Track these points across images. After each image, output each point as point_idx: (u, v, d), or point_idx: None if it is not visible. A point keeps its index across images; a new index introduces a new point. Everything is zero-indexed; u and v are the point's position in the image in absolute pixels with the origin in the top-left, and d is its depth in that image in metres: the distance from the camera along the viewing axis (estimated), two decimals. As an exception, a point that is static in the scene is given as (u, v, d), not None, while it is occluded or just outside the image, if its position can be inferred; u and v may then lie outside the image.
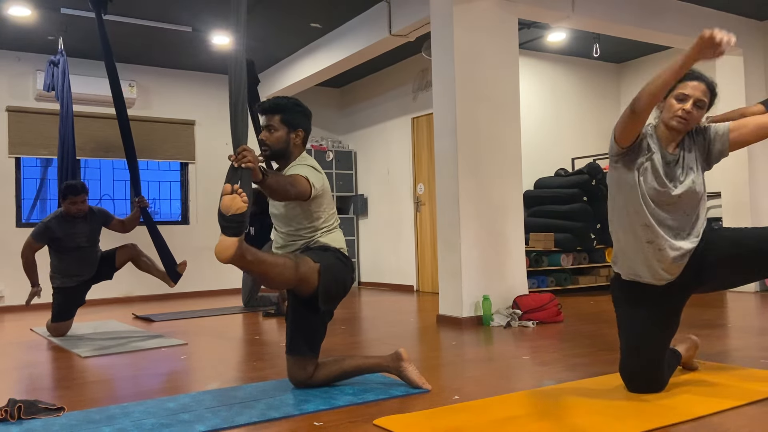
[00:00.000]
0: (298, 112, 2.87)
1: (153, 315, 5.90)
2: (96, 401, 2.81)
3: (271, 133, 2.82)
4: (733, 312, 5.13)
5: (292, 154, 2.86)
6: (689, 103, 2.38)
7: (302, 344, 2.82)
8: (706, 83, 2.42)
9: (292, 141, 2.84)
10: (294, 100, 2.93)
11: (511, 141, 5.12)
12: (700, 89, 2.39)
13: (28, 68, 7.14)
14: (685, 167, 2.46)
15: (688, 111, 2.38)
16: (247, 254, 2.41)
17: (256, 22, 6.33)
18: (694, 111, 2.39)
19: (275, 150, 2.84)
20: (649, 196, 2.44)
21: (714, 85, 2.44)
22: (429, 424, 2.28)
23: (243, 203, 2.26)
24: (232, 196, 2.27)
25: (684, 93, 2.39)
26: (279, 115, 2.82)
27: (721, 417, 2.26)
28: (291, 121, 2.83)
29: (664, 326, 2.53)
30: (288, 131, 2.83)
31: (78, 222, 4.65)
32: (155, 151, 7.85)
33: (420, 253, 7.77)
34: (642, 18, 5.87)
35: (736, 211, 6.53)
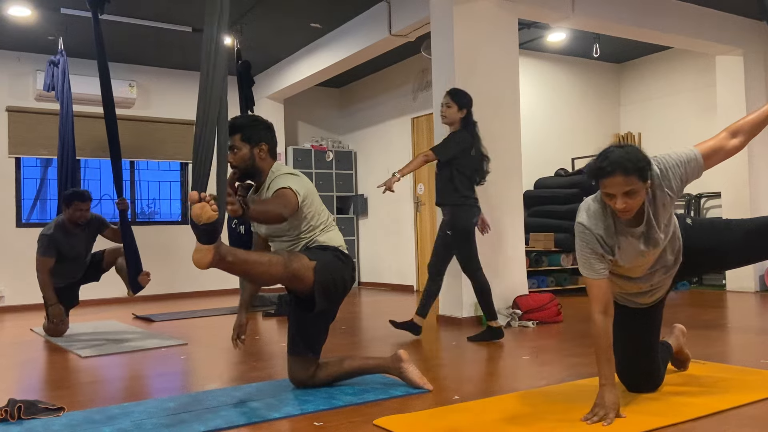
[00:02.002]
0: (257, 127, 2.85)
1: (153, 315, 5.90)
2: (96, 401, 2.81)
3: (235, 154, 2.79)
4: (733, 312, 5.12)
5: (263, 169, 2.83)
6: (618, 200, 2.18)
7: (304, 345, 2.82)
8: (622, 173, 2.13)
9: (257, 156, 2.81)
10: (251, 116, 2.97)
11: (511, 141, 5.12)
12: (617, 183, 2.14)
13: (28, 68, 7.14)
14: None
15: (623, 206, 2.18)
16: (228, 256, 2.35)
17: (256, 22, 6.33)
18: (628, 201, 2.17)
19: (243, 168, 2.81)
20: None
21: (632, 166, 2.13)
22: (429, 424, 2.28)
23: (213, 212, 2.16)
24: (201, 205, 2.14)
25: (606, 192, 2.20)
26: (238, 134, 2.79)
27: (721, 417, 2.26)
28: (251, 137, 2.80)
29: (651, 321, 2.55)
30: (251, 148, 2.79)
31: (78, 231, 4.64)
32: (155, 151, 7.85)
33: (420, 253, 7.77)
34: (642, 18, 5.87)
35: (736, 211, 6.52)
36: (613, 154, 2.17)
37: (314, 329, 2.84)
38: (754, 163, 6.52)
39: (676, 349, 2.88)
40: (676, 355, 2.91)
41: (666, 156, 2.30)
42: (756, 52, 6.63)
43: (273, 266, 2.53)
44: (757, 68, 6.63)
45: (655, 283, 2.46)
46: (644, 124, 8.09)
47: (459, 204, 4.13)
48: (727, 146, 2.32)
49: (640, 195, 2.18)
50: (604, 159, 2.18)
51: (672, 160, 2.29)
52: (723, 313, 5.08)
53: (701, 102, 7.43)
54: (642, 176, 2.15)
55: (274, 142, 2.90)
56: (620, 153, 2.17)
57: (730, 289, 6.62)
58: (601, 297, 2.30)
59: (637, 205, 2.21)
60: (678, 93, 7.70)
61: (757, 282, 6.45)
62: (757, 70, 6.62)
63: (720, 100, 6.71)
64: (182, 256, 7.61)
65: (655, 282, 2.46)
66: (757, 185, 6.53)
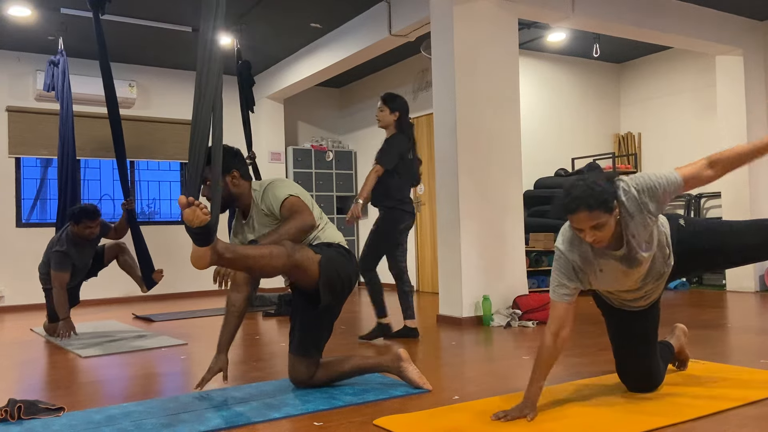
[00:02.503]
0: (222, 157, 2.66)
1: (153, 315, 5.90)
2: (96, 401, 2.81)
3: (209, 186, 2.67)
4: (733, 312, 5.12)
5: (242, 194, 2.80)
6: (587, 234, 2.20)
7: (307, 343, 2.82)
8: (586, 209, 2.14)
9: (231, 184, 2.77)
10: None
11: (511, 141, 5.12)
12: (582, 218, 2.16)
13: (28, 68, 7.14)
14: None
15: (592, 239, 2.21)
16: (226, 254, 2.34)
17: (256, 22, 6.33)
18: (596, 234, 2.19)
19: (222, 200, 2.71)
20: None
21: (594, 201, 2.13)
22: (429, 424, 2.28)
23: (204, 216, 2.13)
24: (191, 209, 2.12)
25: (575, 227, 2.23)
26: (206, 167, 2.63)
27: (721, 417, 2.26)
28: (221, 168, 2.66)
29: (648, 322, 2.55)
30: (223, 177, 2.72)
31: (87, 243, 4.64)
32: (155, 151, 7.85)
33: (420, 253, 7.77)
34: (642, 18, 5.87)
35: (736, 211, 6.52)
36: (576, 189, 2.17)
37: (318, 327, 2.84)
38: (754, 163, 6.50)
39: (678, 349, 2.89)
40: (678, 355, 2.91)
41: (644, 178, 2.29)
42: (756, 52, 6.63)
43: (275, 258, 2.49)
44: (757, 68, 6.63)
45: (648, 290, 2.47)
46: (644, 124, 8.09)
47: (391, 207, 4.21)
48: (702, 175, 2.32)
49: (609, 225, 2.18)
50: (567, 195, 2.19)
51: (650, 182, 2.26)
52: (723, 313, 5.08)
53: (701, 102, 7.43)
54: (607, 209, 2.15)
55: (245, 167, 2.85)
56: (582, 189, 2.16)
57: (730, 289, 6.62)
58: (557, 318, 2.35)
59: (608, 235, 2.22)
60: (678, 93, 7.70)
61: (757, 282, 6.45)
62: (757, 70, 6.61)
63: (720, 100, 6.71)
64: (182, 256, 7.61)
65: (648, 289, 2.47)
66: (757, 185, 6.53)
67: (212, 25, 2.27)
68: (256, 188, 2.80)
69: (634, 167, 7.97)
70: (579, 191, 2.17)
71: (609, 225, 2.19)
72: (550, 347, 2.33)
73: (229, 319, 2.86)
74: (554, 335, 2.33)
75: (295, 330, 2.86)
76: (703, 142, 7.42)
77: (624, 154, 8.09)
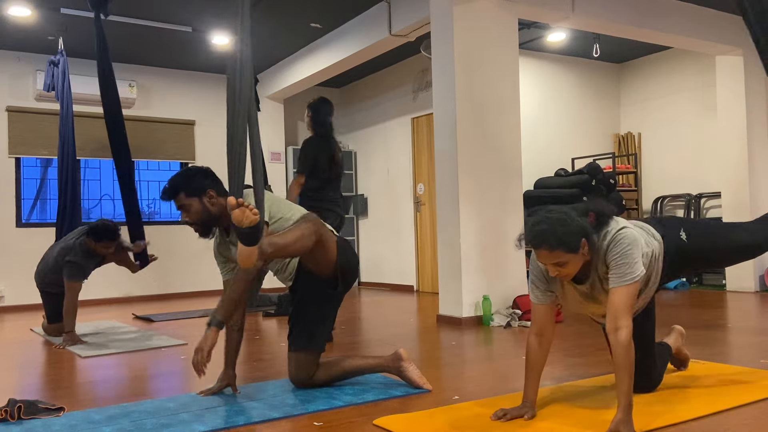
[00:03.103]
0: (194, 179, 2.76)
1: (153, 315, 5.90)
2: (96, 401, 2.81)
3: (188, 212, 2.74)
4: (733, 312, 5.12)
5: (221, 216, 2.77)
6: (550, 269, 2.19)
7: (308, 338, 2.82)
8: (547, 248, 2.12)
9: (209, 205, 2.74)
10: (184, 170, 2.82)
11: (511, 141, 5.12)
12: (543, 255, 2.15)
13: (28, 68, 7.14)
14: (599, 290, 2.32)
15: (556, 274, 2.19)
16: (268, 249, 2.43)
17: (256, 22, 6.32)
18: (560, 270, 2.16)
19: (203, 222, 2.76)
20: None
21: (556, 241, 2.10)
22: (429, 424, 2.28)
23: (254, 216, 2.26)
24: (241, 210, 2.25)
25: (541, 262, 2.22)
26: (181, 193, 2.73)
27: (721, 417, 2.26)
28: (195, 191, 2.73)
29: (640, 322, 2.54)
30: (199, 200, 2.73)
31: (97, 255, 4.60)
32: (155, 151, 7.85)
33: (420, 253, 7.77)
34: (642, 18, 5.87)
35: (736, 211, 6.52)
36: (539, 226, 2.14)
37: (321, 319, 2.85)
38: (754, 163, 6.52)
39: (675, 350, 2.89)
40: (676, 355, 2.92)
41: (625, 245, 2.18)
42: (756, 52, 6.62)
43: (307, 237, 2.56)
44: (757, 68, 6.62)
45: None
46: (644, 124, 8.09)
47: (316, 208, 4.24)
48: (611, 321, 2.14)
49: (573, 263, 2.14)
50: (530, 231, 2.16)
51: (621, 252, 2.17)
52: (723, 313, 5.08)
53: (701, 102, 7.43)
54: (569, 248, 2.10)
55: (220, 184, 2.81)
56: (546, 226, 2.12)
57: (730, 289, 6.62)
58: (538, 320, 2.38)
59: (573, 272, 2.18)
60: (678, 93, 7.70)
61: (757, 282, 6.45)
62: (757, 70, 6.61)
63: (720, 100, 6.71)
64: (182, 256, 7.62)
65: None
66: (757, 185, 6.53)
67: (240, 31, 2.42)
68: None
69: (634, 167, 7.97)
70: (541, 229, 2.13)
71: (573, 263, 2.15)
72: (534, 349, 2.35)
73: (230, 335, 2.87)
74: (537, 336, 2.37)
75: (296, 326, 2.87)
76: (703, 142, 7.42)
77: (624, 154, 8.09)
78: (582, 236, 2.13)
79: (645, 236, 2.38)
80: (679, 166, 7.67)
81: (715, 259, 2.61)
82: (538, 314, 2.38)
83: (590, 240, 2.16)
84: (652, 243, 2.38)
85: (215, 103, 8.20)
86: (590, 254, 2.19)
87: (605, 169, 7.23)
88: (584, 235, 2.14)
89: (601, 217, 2.24)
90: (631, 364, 2.06)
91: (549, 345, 2.37)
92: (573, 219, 2.15)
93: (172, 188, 2.74)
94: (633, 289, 2.15)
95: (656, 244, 2.40)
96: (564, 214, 2.17)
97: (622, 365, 2.06)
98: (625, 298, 2.13)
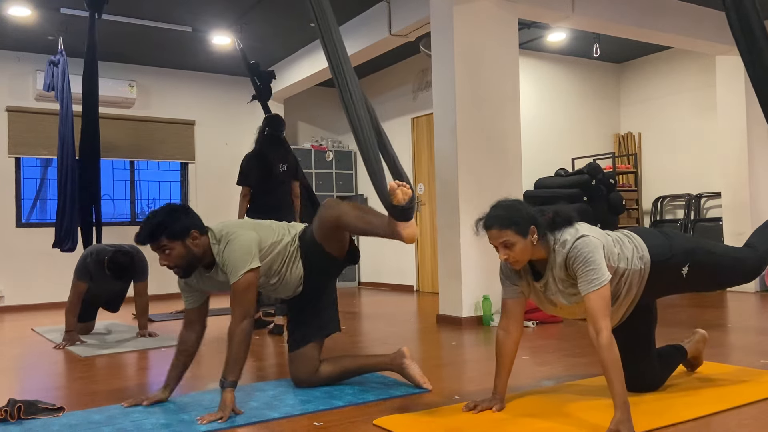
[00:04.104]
0: (175, 218, 2.54)
1: (153, 315, 5.89)
2: (96, 401, 2.81)
3: (169, 254, 2.52)
4: (733, 312, 5.12)
5: (204, 255, 2.61)
6: (500, 252, 2.28)
7: (310, 329, 2.84)
8: (496, 227, 2.25)
9: (192, 246, 2.55)
10: (163, 210, 2.59)
11: (511, 141, 5.12)
12: (493, 235, 2.27)
13: (28, 68, 7.14)
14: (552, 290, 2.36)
15: (505, 257, 2.27)
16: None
17: (256, 22, 6.33)
18: (508, 252, 2.25)
19: (184, 266, 2.58)
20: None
21: (507, 220, 2.24)
22: (429, 424, 2.28)
23: (409, 190, 2.45)
24: (400, 190, 2.43)
25: (491, 244, 2.31)
26: (162, 236, 2.50)
27: (721, 417, 2.27)
28: (177, 233, 2.52)
29: (633, 326, 2.54)
30: (182, 243, 2.53)
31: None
32: (155, 150, 7.85)
33: (420, 253, 7.77)
34: (642, 18, 5.87)
35: (736, 211, 6.52)
36: (494, 211, 2.30)
37: (324, 306, 2.90)
38: (754, 163, 6.52)
39: (692, 354, 2.86)
40: (691, 359, 2.89)
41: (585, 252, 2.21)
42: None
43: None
44: (757, 68, 6.62)
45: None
46: (644, 124, 8.09)
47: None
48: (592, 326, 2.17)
49: (520, 248, 2.24)
50: (486, 215, 2.31)
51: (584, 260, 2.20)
52: (723, 313, 5.08)
53: (701, 102, 7.43)
54: (518, 230, 2.23)
55: (198, 222, 2.62)
56: (500, 211, 2.28)
57: (730, 289, 6.62)
58: (506, 313, 2.45)
59: (520, 258, 2.27)
60: (678, 93, 7.70)
61: (757, 282, 6.44)
62: (757, 70, 6.61)
63: (720, 100, 6.71)
64: (182, 256, 7.60)
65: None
66: (757, 185, 6.53)
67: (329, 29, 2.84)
68: (215, 242, 2.62)
69: (634, 167, 7.97)
70: (497, 212, 2.29)
71: (521, 247, 2.24)
72: (502, 343, 2.43)
73: (179, 358, 2.71)
74: (505, 330, 2.44)
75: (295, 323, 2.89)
76: (703, 142, 7.42)
77: (624, 154, 8.09)
78: (531, 223, 2.25)
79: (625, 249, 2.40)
80: (679, 166, 7.67)
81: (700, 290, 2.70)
82: (506, 308, 2.46)
83: (540, 229, 2.25)
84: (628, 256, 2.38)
85: (215, 103, 8.21)
86: (540, 245, 2.27)
87: (605, 169, 7.23)
88: (533, 222, 2.25)
89: (557, 217, 2.31)
90: (616, 363, 2.09)
91: (517, 340, 2.44)
92: (526, 207, 2.32)
93: (152, 233, 2.50)
94: (604, 292, 2.19)
95: (637, 262, 2.40)
96: (518, 202, 2.36)
97: (608, 366, 2.10)
98: (599, 302, 2.17)
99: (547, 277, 2.35)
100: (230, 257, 2.57)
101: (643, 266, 2.42)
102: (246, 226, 2.70)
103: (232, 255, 2.56)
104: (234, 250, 2.57)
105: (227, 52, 7.03)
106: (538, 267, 2.37)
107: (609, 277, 2.21)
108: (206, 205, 8.10)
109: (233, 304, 2.57)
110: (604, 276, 2.19)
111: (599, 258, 2.22)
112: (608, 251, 2.31)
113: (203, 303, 2.79)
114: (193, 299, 2.77)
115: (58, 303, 6.28)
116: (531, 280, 2.41)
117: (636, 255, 2.41)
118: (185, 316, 2.79)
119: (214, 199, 8.09)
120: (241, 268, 2.55)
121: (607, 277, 2.20)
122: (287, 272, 2.78)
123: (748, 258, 2.66)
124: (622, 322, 2.52)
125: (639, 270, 2.41)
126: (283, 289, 2.86)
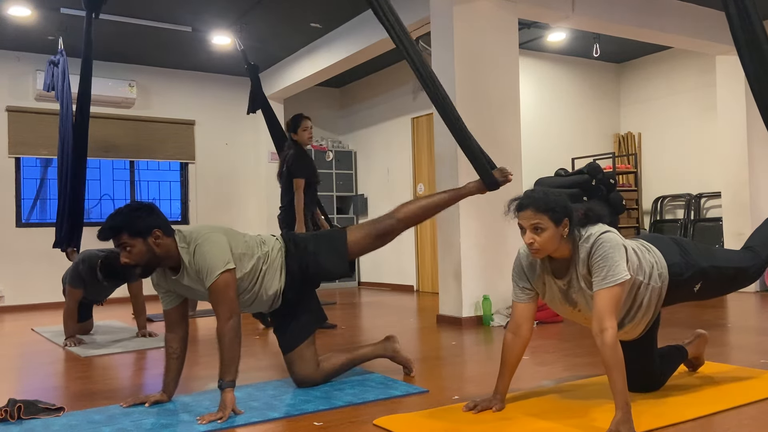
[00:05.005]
0: (139, 217, 2.50)
1: (153, 315, 5.89)
2: (96, 401, 2.81)
3: (130, 251, 2.48)
4: (733, 312, 5.12)
5: (167, 255, 2.54)
6: (527, 235, 2.23)
7: (299, 329, 2.86)
8: (533, 208, 2.21)
9: (154, 245, 2.49)
10: (128, 207, 2.55)
11: (511, 141, 5.12)
12: (527, 216, 2.21)
13: (28, 68, 7.14)
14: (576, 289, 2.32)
15: (530, 241, 2.23)
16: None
17: (256, 22, 6.33)
18: (535, 237, 2.21)
19: (144, 264, 2.52)
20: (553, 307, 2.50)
21: (544, 205, 2.20)
22: (429, 424, 2.28)
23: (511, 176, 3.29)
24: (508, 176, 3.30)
25: (520, 224, 2.26)
26: (124, 233, 2.46)
27: (721, 417, 2.26)
28: (140, 230, 2.47)
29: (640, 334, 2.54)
30: (144, 241, 2.47)
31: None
32: (155, 150, 7.85)
33: (420, 253, 7.77)
34: (642, 18, 5.87)
35: (736, 211, 6.52)
36: (534, 193, 2.27)
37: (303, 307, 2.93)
38: (754, 163, 6.51)
39: (693, 355, 2.86)
40: (693, 360, 2.90)
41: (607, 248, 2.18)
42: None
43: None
44: (757, 68, 6.62)
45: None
46: (644, 124, 8.09)
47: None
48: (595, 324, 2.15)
49: (549, 235, 2.20)
50: (524, 194, 2.28)
51: (603, 255, 2.18)
52: (723, 313, 5.08)
53: (701, 102, 7.43)
54: (553, 216, 2.19)
55: (164, 222, 2.56)
56: (540, 195, 2.25)
57: (730, 289, 6.61)
58: (516, 317, 2.43)
59: (546, 245, 2.22)
60: (678, 93, 7.70)
61: (757, 282, 6.45)
62: (757, 70, 6.61)
63: (720, 100, 6.71)
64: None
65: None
66: (757, 185, 6.53)
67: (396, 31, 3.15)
68: (184, 245, 2.56)
69: (634, 167, 7.97)
70: (537, 194, 2.26)
71: (549, 235, 2.20)
72: (509, 346, 2.42)
73: (170, 364, 2.70)
74: (513, 334, 2.42)
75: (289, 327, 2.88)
76: (703, 142, 7.42)
77: (624, 154, 8.09)
78: (566, 215, 2.21)
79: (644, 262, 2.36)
80: (679, 166, 7.66)
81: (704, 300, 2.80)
82: (515, 312, 2.45)
83: (572, 223, 2.22)
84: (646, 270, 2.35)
85: (215, 103, 8.21)
86: (566, 241, 2.23)
87: (605, 169, 7.23)
88: (568, 214, 2.21)
89: (589, 213, 2.28)
90: (620, 363, 2.07)
91: (525, 343, 2.42)
92: (565, 199, 2.26)
93: (114, 228, 2.46)
94: (617, 291, 2.15)
95: (657, 279, 2.37)
96: (559, 194, 2.29)
97: (612, 365, 2.07)
98: (608, 300, 2.14)
99: (571, 274, 2.29)
100: (204, 259, 2.51)
101: (662, 284, 2.39)
102: (217, 230, 2.63)
103: (205, 257, 2.51)
104: (206, 251, 2.52)
105: (227, 52, 7.03)
106: (557, 265, 2.32)
107: (626, 277, 2.16)
108: (206, 205, 8.11)
109: (215, 304, 2.54)
110: (620, 275, 2.15)
111: (619, 256, 2.17)
112: (629, 257, 2.26)
113: (181, 303, 2.73)
114: (168, 299, 2.71)
115: (58, 303, 6.27)
116: (551, 279, 2.36)
117: (656, 271, 2.37)
118: (165, 318, 2.74)
119: (214, 199, 8.10)
120: (216, 269, 2.50)
121: (623, 277, 2.15)
122: (260, 289, 2.74)
123: (751, 266, 2.67)
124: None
125: (659, 288, 2.38)
126: (257, 305, 2.83)
